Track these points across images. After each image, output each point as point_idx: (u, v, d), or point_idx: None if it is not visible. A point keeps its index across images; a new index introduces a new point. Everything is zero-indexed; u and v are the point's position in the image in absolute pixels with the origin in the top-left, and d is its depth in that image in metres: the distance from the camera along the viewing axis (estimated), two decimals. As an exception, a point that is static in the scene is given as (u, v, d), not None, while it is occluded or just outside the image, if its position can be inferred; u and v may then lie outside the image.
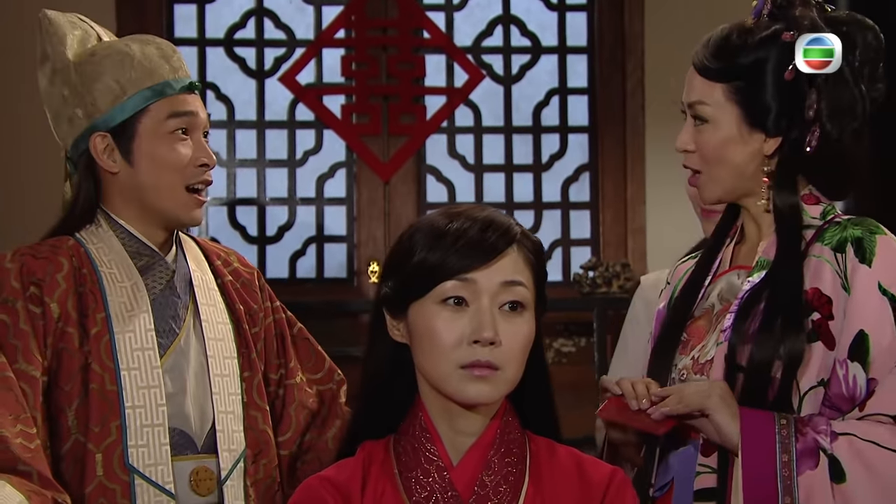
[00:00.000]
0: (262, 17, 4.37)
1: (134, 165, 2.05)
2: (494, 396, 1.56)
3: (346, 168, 4.35)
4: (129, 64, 2.04)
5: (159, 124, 2.04)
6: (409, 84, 4.32)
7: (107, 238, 2.06)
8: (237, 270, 2.18)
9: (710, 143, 1.88)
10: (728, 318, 1.87)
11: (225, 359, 2.08)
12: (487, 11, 4.42)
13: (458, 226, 1.55)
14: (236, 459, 2.04)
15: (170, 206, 2.05)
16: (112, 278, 2.03)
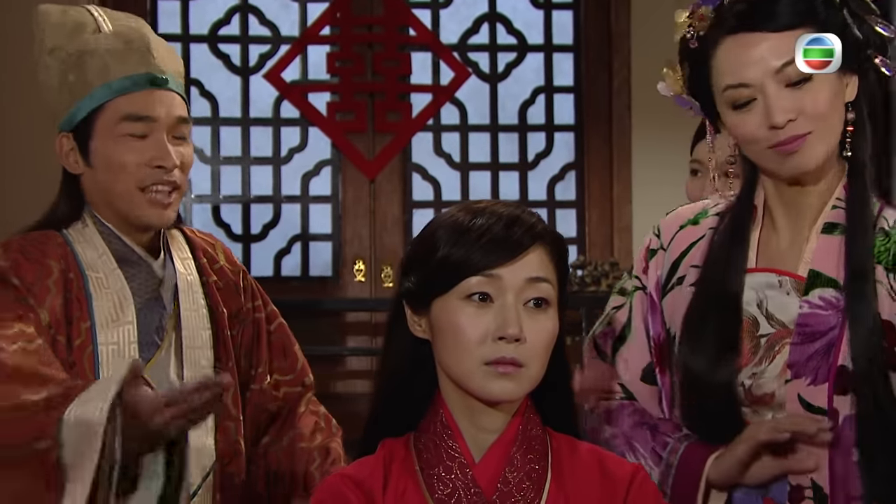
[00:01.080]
0: (247, 14, 4.35)
1: (93, 167, 1.98)
2: (518, 393, 1.54)
3: (332, 166, 4.33)
4: (89, 60, 1.97)
5: (113, 124, 1.96)
6: (394, 82, 4.31)
7: (92, 238, 1.99)
8: (222, 269, 2.10)
9: (821, 98, 1.67)
10: (789, 351, 1.69)
11: (202, 369, 2.00)
12: (473, 9, 4.41)
13: (482, 222, 1.54)
14: (206, 473, 1.98)
15: (127, 208, 1.97)
16: (98, 284, 1.96)
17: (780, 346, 1.71)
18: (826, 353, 1.67)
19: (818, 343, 1.67)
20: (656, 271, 1.85)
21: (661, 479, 1.75)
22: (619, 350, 1.87)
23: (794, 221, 1.77)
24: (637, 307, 1.86)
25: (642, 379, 1.84)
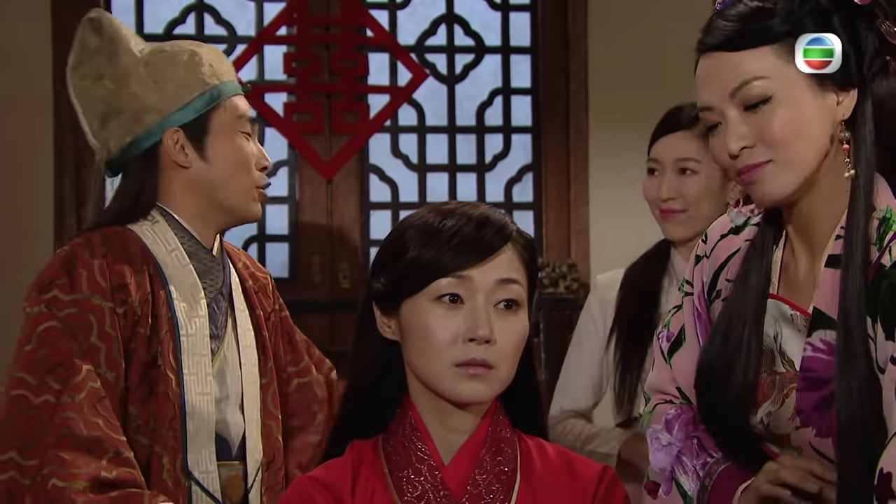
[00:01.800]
0: (203, 13, 4.31)
1: (208, 161, 2.04)
2: (489, 395, 1.54)
3: (289, 166, 4.31)
4: (199, 62, 2.05)
5: (232, 121, 2.05)
6: (351, 82, 4.29)
7: (163, 234, 2.03)
8: (254, 275, 2.18)
9: (777, 122, 1.54)
10: (795, 397, 1.58)
11: (252, 366, 2.07)
12: (431, 10, 4.40)
13: (452, 223, 1.53)
14: (258, 467, 2.04)
15: (240, 201, 2.06)
16: (174, 280, 2.01)
17: (788, 389, 1.61)
18: (829, 406, 1.55)
19: (823, 391, 1.56)
20: (701, 278, 1.76)
21: (697, 499, 1.67)
22: (676, 353, 1.78)
23: (809, 248, 1.63)
24: (687, 312, 1.77)
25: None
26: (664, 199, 2.51)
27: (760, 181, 1.58)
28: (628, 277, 2.65)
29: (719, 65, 1.57)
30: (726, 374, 1.62)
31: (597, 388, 2.67)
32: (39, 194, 4.00)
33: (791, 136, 1.55)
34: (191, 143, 2.04)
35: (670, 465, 1.70)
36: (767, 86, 1.55)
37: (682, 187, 2.50)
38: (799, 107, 1.56)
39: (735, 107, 1.57)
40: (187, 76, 2.04)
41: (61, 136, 4.03)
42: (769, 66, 1.56)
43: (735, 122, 1.57)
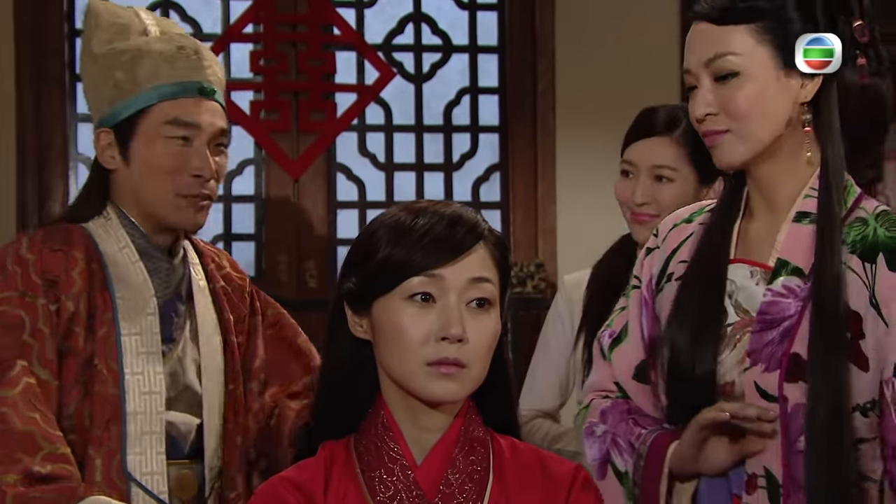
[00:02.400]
0: (168, 10, 4.27)
1: (130, 165, 2.00)
2: (461, 394, 1.54)
3: (255, 165, 4.28)
4: (140, 62, 1.99)
5: (158, 127, 1.98)
6: (319, 81, 4.27)
7: (116, 232, 2.01)
8: (229, 275, 2.14)
9: (742, 97, 1.68)
10: (749, 339, 1.70)
11: (215, 370, 2.03)
12: (398, 9, 4.39)
13: (424, 221, 1.53)
14: (215, 474, 2.02)
15: (162, 211, 2.00)
16: (121, 277, 1.98)
17: (741, 334, 1.72)
18: (781, 340, 1.67)
19: (776, 331, 1.67)
20: (650, 269, 1.86)
21: (634, 472, 1.75)
22: (616, 347, 1.87)
23: (771, 212, 1.76)
24: (633, 306, 1.87)
25: (635, 377, 1.84)
26: (638, 203, 2.49)
27: (719, 147, 1.73)
28: (595, 277, 2.65)
29: (702, 34, 1.71)
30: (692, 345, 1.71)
31: (563, 388, 2.67)
32: (1, 193, 3.95)
33: (751, 112, 1.68)
34: (118, 145, 2.01)
35: (605, 452, 1.77)
36: (738, 62, 1.68)
37: (656, 193, 2.49)
38: (763, 86, 1.68)
39: (708, 76, 1.70)
40: (123, 78, 2.00)
41: (24, 136, 3.99)
42: (743, 44, 1.68)
43: (705, 90, 1.71)
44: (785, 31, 1.68)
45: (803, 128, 1.70)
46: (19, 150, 3.99)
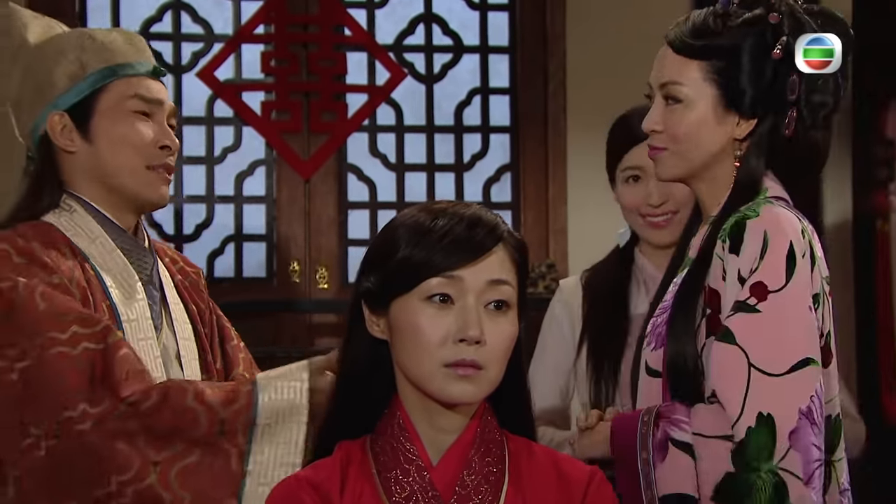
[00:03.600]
0: (180, 11, 4.28)
1: (93, 144, 1.99)
2: (478, 396, 1.54)
3: (266, 166, 4.29)
4: (90, 44, 2.00)
5: (120, 102, 1.99)
6: (330, 81, 4.28)
7: (85, 223, 1.99)
8: (184, 270, 2.14)
9: (682, 123, 1.88)
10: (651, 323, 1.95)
11: (192, 360, 2.04)
12: (409, 9, 4.39)
13: (444, 223, 1.53)
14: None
15: (131, 184, 1.99)
16: (105, 267, 1.97)
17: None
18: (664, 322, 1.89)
19: (664, 314, 1.90)
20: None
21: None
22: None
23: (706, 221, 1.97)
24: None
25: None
26: (656, 204, 2.47)
27: (657, 161, 1.94)
28: (589, 286, 2.62)
29: (663, 58, 1.91)
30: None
31: (563, 393, 2.64)
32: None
33: (687, 139, 1.88)
34: (76, 126, 1.99)
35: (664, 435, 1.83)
36: (685, 92, 1.87)
37: (670, 190, 2.48)
38: (703, 119, 1.87)
39: (661, 96, 1.91)
40: (73, 61, 2.00)
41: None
42: (692, 78, 1.87)
43: (656, 107, 1.91)
44: (730, 75, 1.86)
45: (734, 161, 1.88)
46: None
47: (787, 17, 1.86)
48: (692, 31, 1.87)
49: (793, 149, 1.86)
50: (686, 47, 1.87)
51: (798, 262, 1.78)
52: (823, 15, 1.89)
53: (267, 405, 1.84)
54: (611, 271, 2.61)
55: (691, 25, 1.88)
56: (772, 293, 1.76)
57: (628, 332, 2.56)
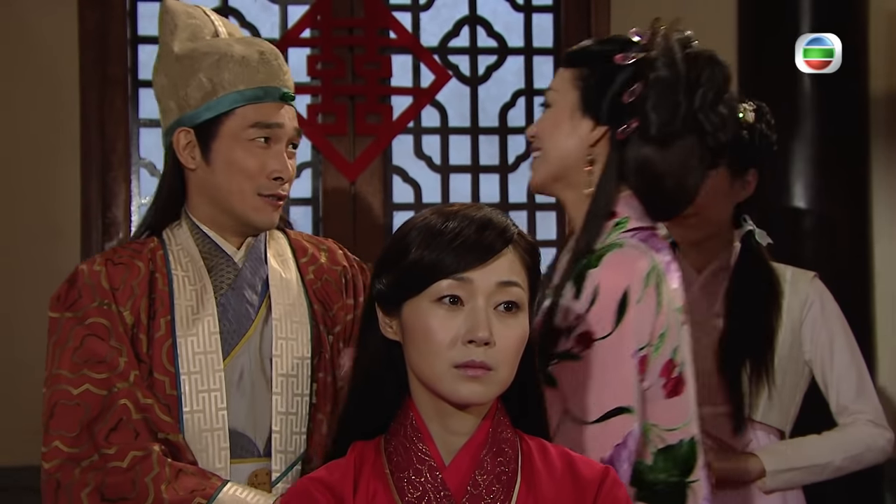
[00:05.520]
0: (227, 16, 4.32)
1: (210, 165, 2.04)
2: (487, 397, 1.55)
3: (312, 168, 4.33)
4: (226, 65, 2.03)
5: (241, 130, 2.02)
6: (375, 84, 4.31)
7: (185, 240, 2.07)
8: (321, 268, 2.16)
9: (544, 123, 2.00)
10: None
11: (295, 359, 2.05)
12: (454, 12, 4.41)
13: (454, 225, 1.54)
14: (292, 462, 2.02)
15: (240, 208, 2.05)
16: (183, 282, 2.03)
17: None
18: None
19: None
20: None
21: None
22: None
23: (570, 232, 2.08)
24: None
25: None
26: None
27: (532, 166, 2.04)
28: None
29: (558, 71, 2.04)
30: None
31: None
32: (66, 196, 4.04)
33: (546, 137, 1.99)
34: (199, 145, 2.04)
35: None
36: (552, 97, 2.01)
37: None
38: (559, 119, 1.98)
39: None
40: (207, 80, 2.03)
41: (87, 140, 4.07)
42: (560, 83, 2.00)
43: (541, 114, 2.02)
44: (590, 81, 1.97)
45: (585, 165, 1.97)
46: (83, 154, 4.07)
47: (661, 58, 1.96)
48: (580, 46, 2.03)
49: (637, 165, 1.93)
50: (566, 58, 2.03)
51: (629, 309, 1.85)
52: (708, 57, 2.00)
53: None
54: None
55: (583, 43, 2.03)
56: (596, 341, 1.84)
57: None
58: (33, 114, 4.02)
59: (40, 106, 4.02)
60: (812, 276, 2.63)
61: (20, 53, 4.01)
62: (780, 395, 2.57)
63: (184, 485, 1.90)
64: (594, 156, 1.97)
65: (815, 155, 3.82)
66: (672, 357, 1.91)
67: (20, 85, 4.01)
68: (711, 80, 1.96)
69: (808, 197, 3.86)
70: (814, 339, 2.58)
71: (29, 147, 4.03)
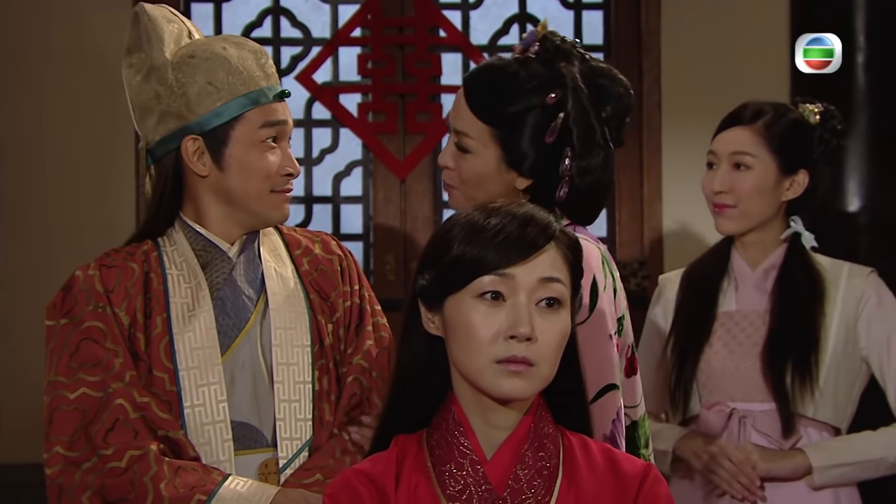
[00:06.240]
0: (279, 16, 4.38)
1: (224, 170, 2.06)
2: (529, 392, 1.56)
3: (363, 166, 4.36)
4: (227, 69, 2.05)
5: (252, 132, 2.05)
6: (425, 82, 4.33)
7: (179, 240, 2.10)
8: (316, 258, 2.18)
9: (468, 171, 2.01)
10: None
11: (294, 347, 2.07)
12: (503, 10, 4.42)
13: (497, 221, 1.56)
14: (299, 449, 2.04)
15: (258, 209, 2.08)
16: (177, 280, 2.06)
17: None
18: None
19: None
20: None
21: None
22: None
23: None
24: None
25: None
26: (716, 191, 2.50)
27: (450, 196, 2.07)
28: (687, 276, 2.65)
29: (459, 102, 2.03)
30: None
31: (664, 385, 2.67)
32: (121, 196, 4.09)
33: (473, 184, 2.01)
34: (209, 152, 2.05)
35: None
36: (474, 145, 2.00)
37: (734, 182, 2.49)
38: (486, 170, 2.00)
39: (452, 139, 2.04)
40: (211, 85, 2.04)
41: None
42: (479, 134, 1.99)
43: (448, 146, 2.05)
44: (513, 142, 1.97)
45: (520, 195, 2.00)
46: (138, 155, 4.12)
47: (570, 94, 1.97)
48: (484, 90, 1.99)
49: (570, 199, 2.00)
50: (477, 107, 1.99)
51: (600, 294, 1.91)
52: (609, 76, 2.05)
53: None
54: (707, 266, 2.62)
55: (485, 83, 1.99)
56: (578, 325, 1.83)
57: (711, 329, 2.57)
58: (91, 116, 4.09)
59: (98, 108, 4.08)
60: (868, 272, 2.61)
61: (80, 56, 4.09)
62: (835, 392, 2.55)
63: (184, 481, 1.93)
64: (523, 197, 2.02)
65: (869, 150, 3.79)
66: (628, 340, 2.02)
67: (79, 87, 4.09)
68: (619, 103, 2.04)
69: (862, 193, 3.83)
70: (870, 335, 2.56)
71: (87, 148, 4.10)
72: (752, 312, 2.56)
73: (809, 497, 2.55)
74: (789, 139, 2.51)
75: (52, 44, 4.10)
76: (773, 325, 2.55)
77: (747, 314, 2.57)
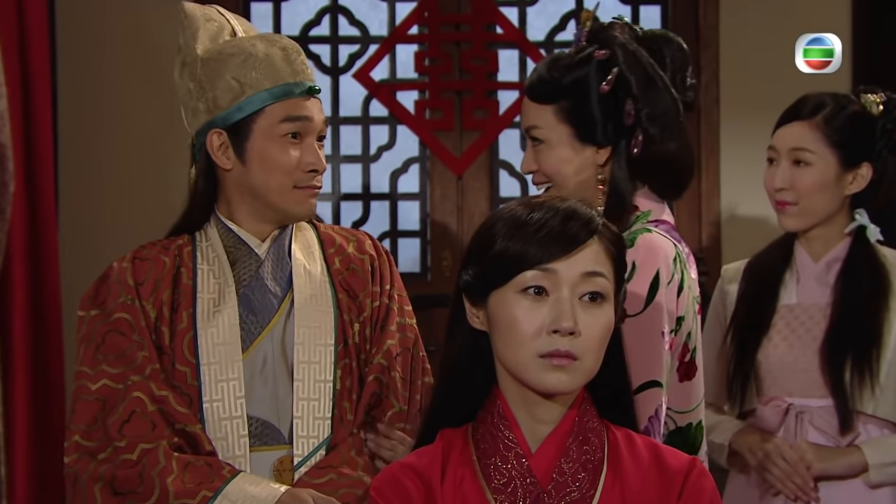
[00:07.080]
0: (337, 15, 4.41)
1: (246, 164, 2.08)
2: (572, 386, 1.57)
3: (420, 163, 4.38)
4: (252, 64, 2.07)
5: (273, 126, 2.06)
6: (482, 79, 4.34)
7: (212, 236, 2.12)
8: (348, 257, 2.18)
9: (548, 162, 2.10)
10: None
11: (318, 346, 2.08)
12: (560, 6, 4.41)
13: (539, 216, 1.56)
14: (315, 447, 2.05)
15: (280, 203, 2.09)
16: (207, 275, 2.09)
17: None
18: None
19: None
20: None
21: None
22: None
23: None
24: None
25: None
26: (777, 188, 2.48)
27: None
28: (749, 268, 2.63)
29: (525, 104, 2.14)
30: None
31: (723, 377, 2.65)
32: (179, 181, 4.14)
33: (552, 172, 2.10)
34: (233, 146, 2.07)
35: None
36: (543, 134, 2.10)
37: (794, 179, 2.46)
38: (561, 154, 2.09)
39: (529, 139, 2.14)
40: (235, 79, 2.06)
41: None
42: (546, 120, 2.09)
43: (528, 150, 2.15)
44: (577, 112, 2.06)
45: (597, 184, 2.09)
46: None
47: (619, 49, 2.06)
48: (538, 78, 2.10)
49: (650, 163, 2.05)
50: (537, 94, 2.10)
51: (661, 289, 1.95)
52: (660, 38, 2.11)
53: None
54: (770, 258, 2.60)
55: (538, 72, 2.11)
56: (629, 317, 1.88)
57: (771, 322, 2.55)
58: (145, 105, 4.13)
59: (151, 96, 4.13)
60: None
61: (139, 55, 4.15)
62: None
63: (191, 477, 1.95)
64: (605, 174, 2.10)
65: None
66: (686, 341, 2.00)
67: (137, 86, 4.15)
68: (675, 60, 2.08)
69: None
70: None
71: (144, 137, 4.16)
72: (813, 306, 2.53)
73: (868, 496, 2.52)
74: (850, 132, 2.47)
75: (108, 40, 4.16)
76: (834, 319, 2.51)
77: (808, 308, 2.54)
